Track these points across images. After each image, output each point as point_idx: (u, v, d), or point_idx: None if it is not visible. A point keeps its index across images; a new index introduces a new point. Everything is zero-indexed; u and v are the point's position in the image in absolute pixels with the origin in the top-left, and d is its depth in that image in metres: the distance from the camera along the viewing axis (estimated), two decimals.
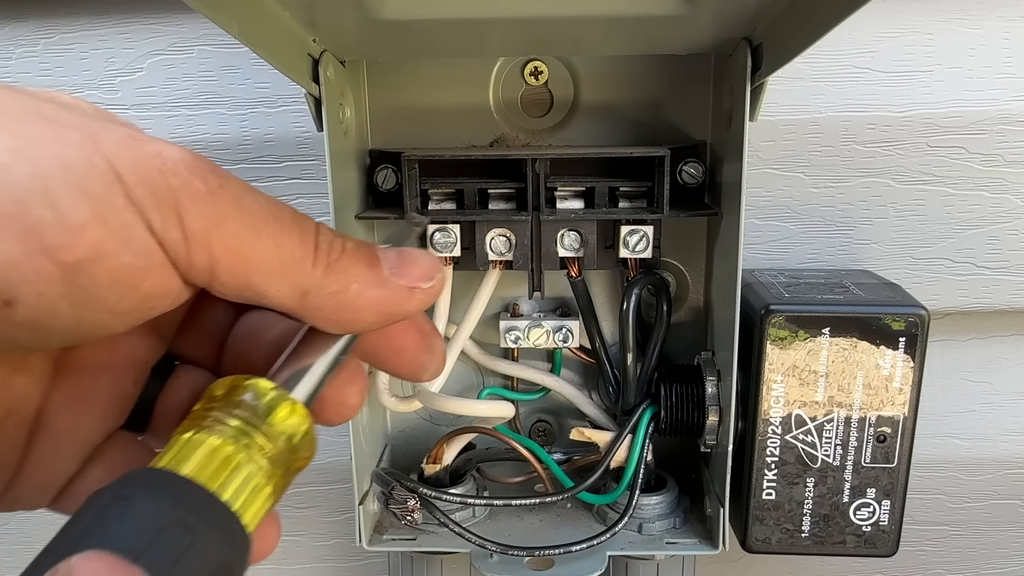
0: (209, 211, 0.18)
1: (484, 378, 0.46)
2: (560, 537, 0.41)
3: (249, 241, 0.19)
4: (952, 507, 0.51)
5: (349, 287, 0.21)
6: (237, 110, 0.43)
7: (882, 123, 0.42)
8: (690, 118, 0.41)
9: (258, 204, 0.19)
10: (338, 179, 0.35)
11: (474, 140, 0.42)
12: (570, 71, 0.41)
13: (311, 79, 0.34)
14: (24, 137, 0.17)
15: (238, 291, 0.20)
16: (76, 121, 0.18)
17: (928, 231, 0.44)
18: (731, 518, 0.40)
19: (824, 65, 0.41)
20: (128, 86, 0.43)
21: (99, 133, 0.17)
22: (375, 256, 0.22)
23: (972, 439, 0.49)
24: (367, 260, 0.21)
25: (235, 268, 0.19)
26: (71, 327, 0.18)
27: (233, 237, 0.19)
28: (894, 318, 0.36)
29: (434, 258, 0.23)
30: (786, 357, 0.37)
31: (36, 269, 0.16)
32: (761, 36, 0.33)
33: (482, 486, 0.44)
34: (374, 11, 0.32)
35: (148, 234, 0.18)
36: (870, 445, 0.38)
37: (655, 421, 0.41)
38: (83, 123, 0.18)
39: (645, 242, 0.39)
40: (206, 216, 0.18)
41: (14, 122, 0.17)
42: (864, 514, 0.39)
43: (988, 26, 0.41)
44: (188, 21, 0.42)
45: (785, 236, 0.44)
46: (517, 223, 0.38)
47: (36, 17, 0.42)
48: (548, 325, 0.43)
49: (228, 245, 0.19)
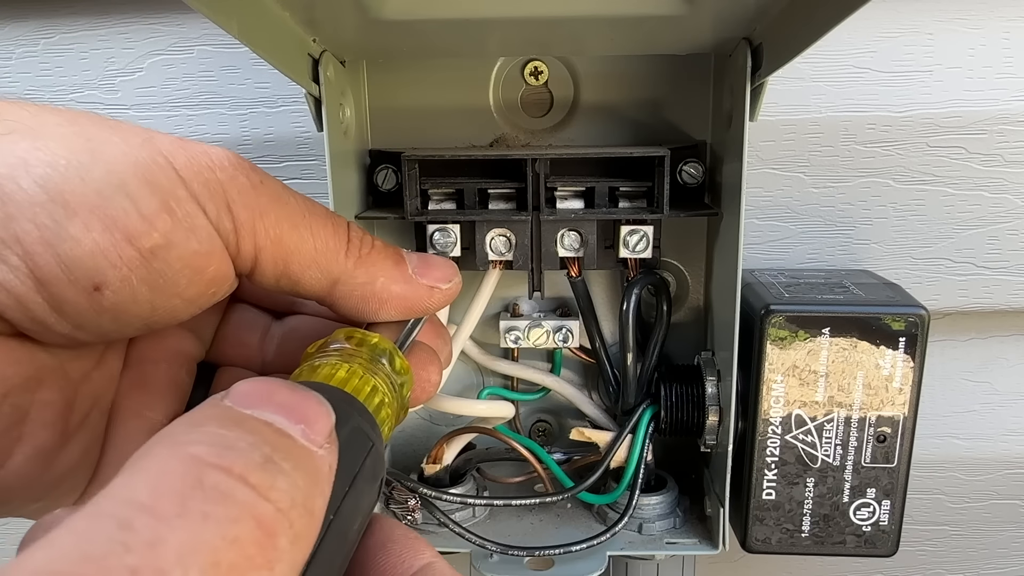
0: (254, 203, 0.20)
1: (484, 378, 0.46)
2: (560, 537, 0.41)
3: (288, 231, 0.21)
4: (952, 507, 0.51)
5: (376, 280, 0.23)
6: (237, 110, 0.43)
7: (882, 123, 0.42)
8: (690, 118, 0.41)
9: (295, 199, 0.22)
10: (338, 179, 0.35)
11: (474, 140, 0.42)
12: (570, 71, 0.41)
13: (311, 79, 0.34)
14: (97, 140, 0.19)
15: (276, 279, 0.22)
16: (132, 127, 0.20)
17: (928, 231, 0.44)
18: (731, 518, 0.40)
19: (824, 65, 0.41)
20: (128, 86, 0.43)
21: (154, 136, 0.20)
22: (400, 256, 0.24)
23: (972, 439, 0.49)
24: (393, 258, 0.24)
25: (276, 256, 0.21)
26: (147, 313, 0.20)
27: (274, 227, 0.21)
28: (894, 318, 0.36)
29: (452, 264, 0.26)
30: (786, 357, 0.37)
31: (120, 255, 0.18)
32: (761, 36, 0.33)
33: (482, 486, 0.44)
34: (374, 11, 0.32)
35: (207, 223, 0.20)
36: (870, 445, 0.38)
37: (655, 421, 0.41)
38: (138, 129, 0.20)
39: (645, 242, 0.39)
40: (251, 207, 0.20)
41: (86, 128, 0.19)
42: (864, 514, 0.39)
43: (988, 26, 0.41)
44: (188, 21, 0.42)
45: (785, 236, 0.44)
46: (517, 223, 0.38)
47: (36, 17, 0.42)
48: (548, 325, 0.43)
49: (271, 234, 0.21)
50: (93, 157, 0.19)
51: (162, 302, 0.20)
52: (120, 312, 0.19)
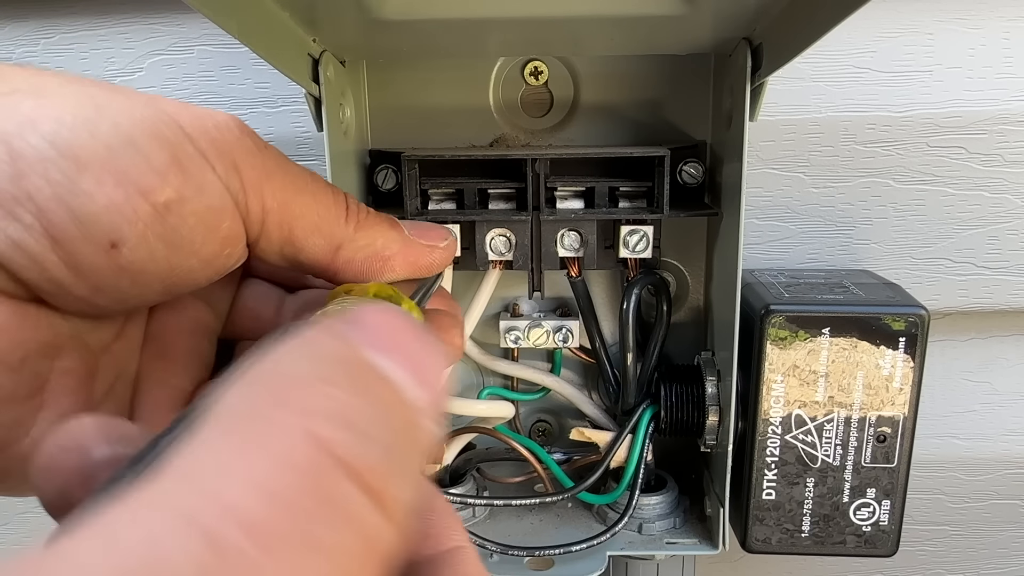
0: (260, 164, 0.21)
1: (484, 378, 0.46)
2: (560, 537, 0.41)
3: (293, 195, 0.21)
4: (952, 507, 0.51)
5: (376, 240, 0.24)
6: (237, 110, 0.43)
7: (882, 123, 0.42)
8: (690, 118, 0.41)
9: (297, 166, 0.22)
10: (338, 179, 0.35)
11: (474, 140, 0.42)
12: (570, 71, 0.41)
13: (311, 79, 0.34)
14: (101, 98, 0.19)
15: (280, 247, 0.22)
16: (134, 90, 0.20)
17: (928, 231, 0.44)
18: (731, 518, 0.40)
19: (824, 65, 0.41)
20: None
21: (157, 98, 0.20)
22: (395, 221, 0.25)
23: (972, 439, 0.49)
24: (389, 222, 0.25)
25: (281, 221, 0.21)
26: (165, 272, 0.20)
27: (280, 190, 0.21)
28: (894, 318, 0.36)
29: (444, 227, 0.27)
30: (786, 357, 0.37)
31: (135, 209, 0.18)
32: (761, 36, 0.33)
33: (482, 486, 0.44)
34: (374, 11, 0.32)
35: (217, 179, 0.20)
36: (870, 445, 0.38)
37: (655, 421, 0.41)
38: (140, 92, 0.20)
39: (645, 242, 0.39)
40: (258, 169, 0.21)
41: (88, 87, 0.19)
42: (864, 514, 0.39)
43: (988, 26, 0.41)
44: (188, 21, 0.42)
45: (785, 236, 0.44)
46: (517, 223, 0.38)
47: (36, 17, 0.42)
48: (548, 325, 0.43)
49: (277, 197, 0.21)
50: (99, 113, 0.18)
51: (179, 261, 0.20)
52: (138, 272, 0.19)
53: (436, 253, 0.25)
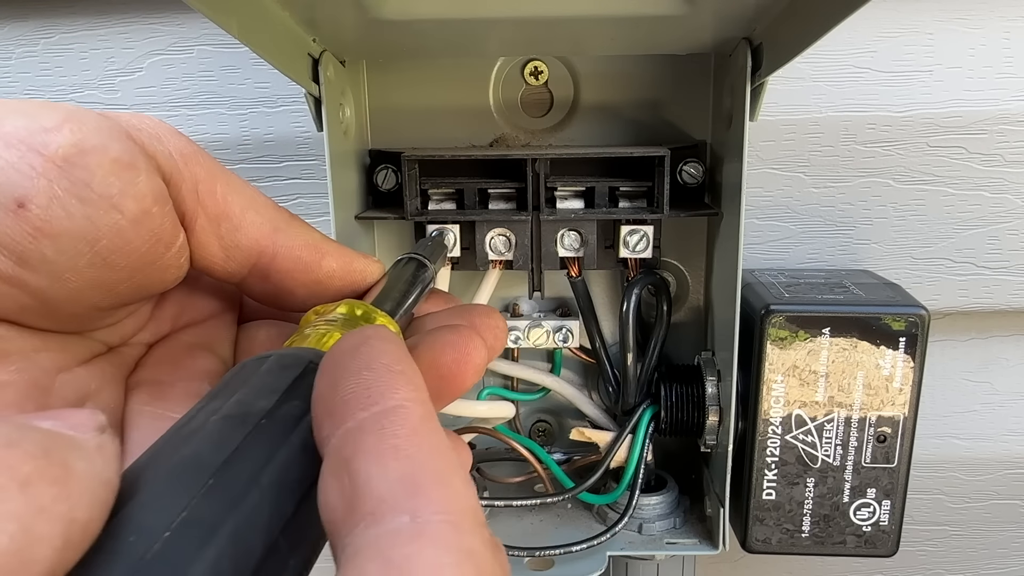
0: (186, 143, 0.20)
1: (484, 378, 0.46)
2: (560, 537, 0.41)
3: (220, 171, 0.21)
4: (952, 507, 0.51)
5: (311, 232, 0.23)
6: (237, 110, 0.43)
7: (882, 123, 0.42)
8: (690, 118, 0.41)
9: None
10: (338, 179, 0.35)
11: (474, 140, 0.42)
12: (570, 71, 0.41)
13: (311, 79, 0.34)
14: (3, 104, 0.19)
15: (219, 222, 0.21)
16: None
17: (928, 231, 0.44)
18: (731, 518, 0.40)
19: (824, 65, 0.41)
20: (128, 86, 0.43)
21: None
22: None
23: (972, 439, 0.49)
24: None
25: (214, 189, 0.21)
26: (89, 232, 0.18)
27: (211, 164, 0.21)
28: (894, 318, 0.36)
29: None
30: (786, 357, 0.37)
31: (31, 165, 0.18)
32: (761, 36, 0.33)
33: (482, 486, 0.44)
34: (374, 11, 0.32)
35: (124, 131, 0.19)
36: (870, 445, 0.38)
37: (655, 421, 0.41)
38: None
39: (645, 242, 0.39)
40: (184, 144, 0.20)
41: None
42: (864, 514, 0.39)
43: (988, 26, 0.41)
44: (188, 21, 0.42)
45: (785, 236, 0.44)
46: (517, 223, 0.38)
47: (36, 17, 0.42)
48: (548, 325, 0.43)
49: (206, 167, 0.21)
50: None
51: (99, 217, 0.18)
52: (57, 233, 0.18)
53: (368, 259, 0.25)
